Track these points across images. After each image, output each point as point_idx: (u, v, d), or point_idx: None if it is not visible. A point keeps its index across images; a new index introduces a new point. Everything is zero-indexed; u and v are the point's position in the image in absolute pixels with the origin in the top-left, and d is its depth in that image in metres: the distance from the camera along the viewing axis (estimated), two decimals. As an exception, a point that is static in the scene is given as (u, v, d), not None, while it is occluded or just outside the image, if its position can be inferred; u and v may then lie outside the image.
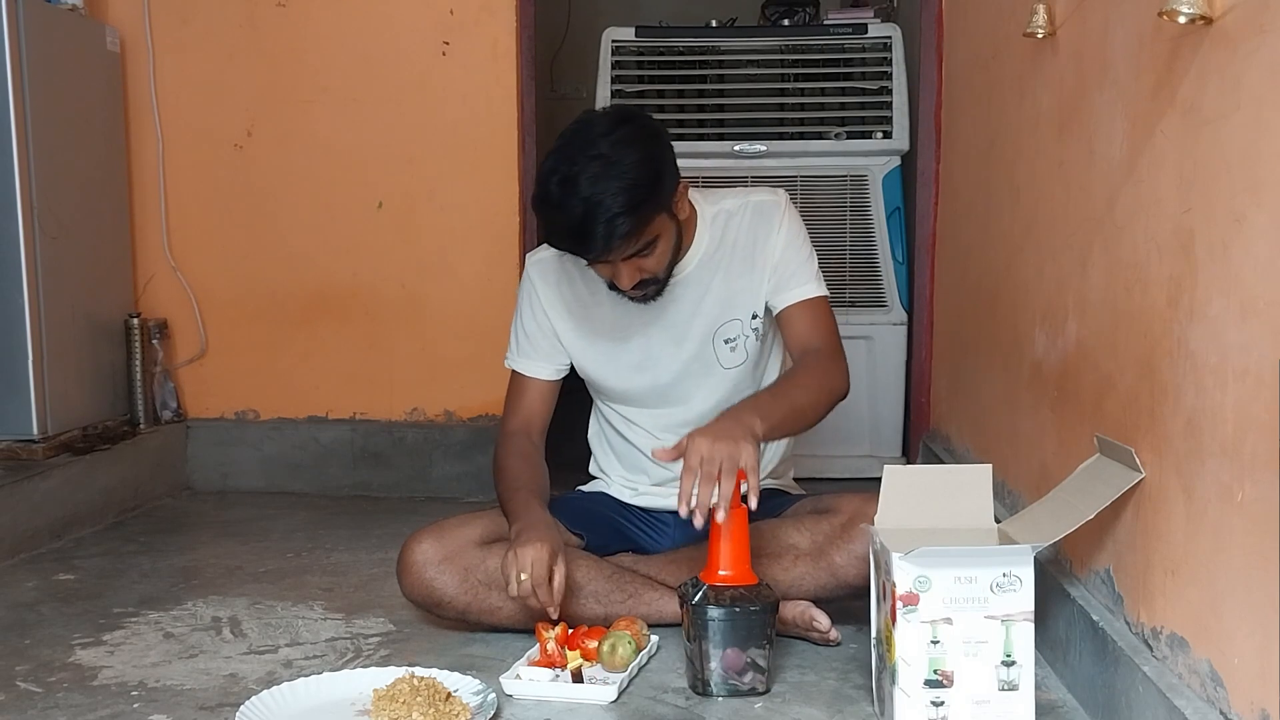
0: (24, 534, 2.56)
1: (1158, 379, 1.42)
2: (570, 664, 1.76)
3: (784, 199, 2.09)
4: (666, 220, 1.91)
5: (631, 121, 1.89)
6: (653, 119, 1.98)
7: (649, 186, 1.82)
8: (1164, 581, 1.40)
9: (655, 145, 1.88)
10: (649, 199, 1.83)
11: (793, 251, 2.05)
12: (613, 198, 1.78)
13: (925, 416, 3.22)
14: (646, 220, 1.84)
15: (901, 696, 1.51)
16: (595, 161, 1.80)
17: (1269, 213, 1.14)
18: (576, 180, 1.79)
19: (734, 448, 1.68)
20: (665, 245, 1.92)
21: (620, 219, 1.79)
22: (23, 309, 2.69)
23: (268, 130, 3.19)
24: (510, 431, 2.13)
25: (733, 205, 2.08)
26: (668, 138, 1.94)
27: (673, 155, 1.93)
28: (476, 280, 3.14)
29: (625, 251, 1.86)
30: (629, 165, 1.80)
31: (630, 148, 1.82)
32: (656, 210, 1.86)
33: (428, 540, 1.94)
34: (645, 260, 1.90)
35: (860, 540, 1.88)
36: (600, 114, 1.93)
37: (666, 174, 1.88)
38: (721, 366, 2.07)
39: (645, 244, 1.87)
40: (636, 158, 1.82)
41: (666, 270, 1.97)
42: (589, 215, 1.78)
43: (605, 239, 1.80)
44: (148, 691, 1.76)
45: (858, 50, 3.41)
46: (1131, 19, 1.54)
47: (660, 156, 1.88)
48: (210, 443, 3.25)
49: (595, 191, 1.78)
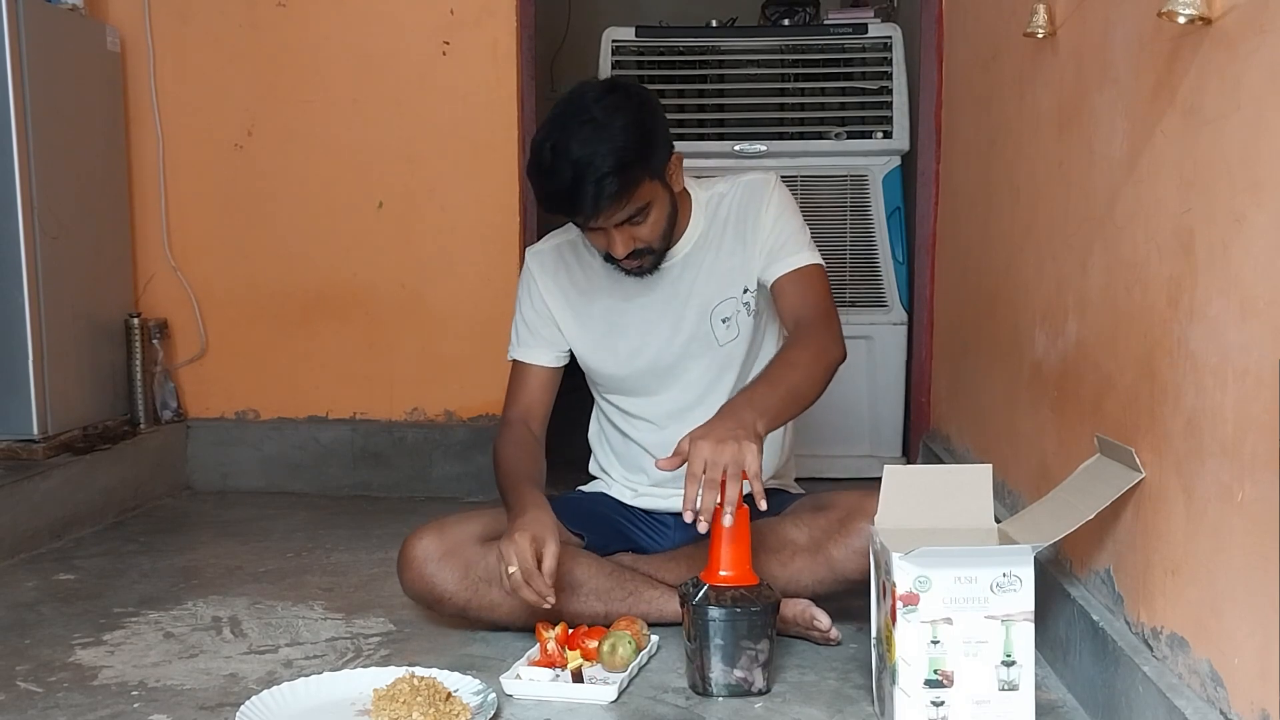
0: (24, 534, 2.56)
1: (1158, 379, 1.42)
2: (570, 664, 1.76)
3: (774, 178, 2.10)
4: (659, 188, 1.93)
5: (622, 89, 1.93)
6: (645, 89, 2.02)
7: (638, 149, 1.86)
8: (1164, 581, 1.40)
9: (644, 111, 1.91)
10: (637, 160, 1.85)
11: (782, 224, 2.05)
12: (601, 159, 1.82)
13: (925, 416, 3.22)
14: (635, 182, 1.86)
15: (901, 696, 1.52)
16: (586, 126, 1.84)
17: (1269, 213, 1.14)
18: (567, 145, 1.83)
19: (737, 450, 1.67)
20: (659, 214, 1.95)
21: (609, 179, 1.82)
22: (23, 309, 2.69)
23: (268, 130, 3.19)
24: (510, 420, 2.14)
25: (724, 187, 2.11)
26: (659, 107, 1.97)
27: (665, 124, 1.96)
28: (476, 280, 3.14)
29: (616, 213, 1.88)
30: (618, 129, 1.84)
31: (619, 112, 1.86)
32: (646, 173, 1.88)
33: (428, 536, 1.94)
34: (638, 228, 1.93)
35: (857, 535, 1.87)
36: (592, 83, 1.96)
37: (657, 139, 1.91)
38: (718, 344, 2.08)
39: (637, 209, 1.90)
40: (625, 121, 1.85)
41: (661, 241, 1.99)
42: (579, 176, 1.82)
43: (594, 199, 1.83)
44: (148, 691, 1.76)
45: (858, 50, 3.41)
46: (1131, 19, 1.54)
47: (649, 122, 1.90)
48: (210, 443, 3.25)
49: (585, 154, 1.82)
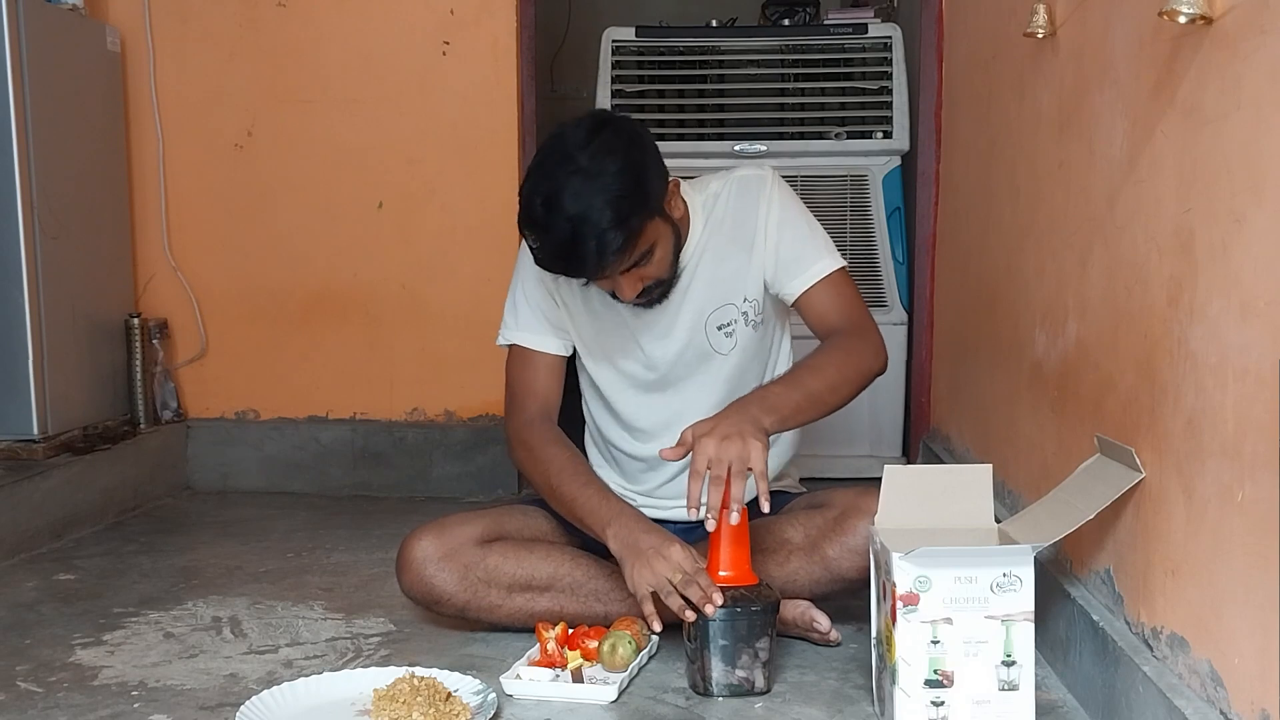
0: (24, 534, 2.56)
1: (1158, 379, 1.42)
2: (570, 664, 1.76)
3: (769, 174, 1.96)
4: (660, 224, 1.82)
5: (607, 126, 1.78)
6: (630, 119, 1.88)
7: (635, 195, 1.73)
8: (1164, 581, 1.40)
9: (635, 149, 1.77)
10: (637, 208, 1.73)
11: (789, 231, 1.93)
12: (599, 213, 1.69)
13: (925, 416, 3.22)
14: (638, 230, 1.74)
15: (901, 696, 1.51)
16: (575, 176, 1.71)
17: (1269, 213, 1.14)
18: (559, 198, 1.70)
19: (742, 447, 1.64)
20: (664, 250, 1.84)
21: (610, 233, 1.70)
22: (23, 309, 2.69)
23: (268, 130, 3.19)
24: (534, 417, 1.98)
25: (718, 186, 1.98)
26: (649, 136, 1.84)
27: (657, 155, 1.83)
28: (476, 280, 3.14)
29: (621, 266, 1.77)
30: (611, 176, 1.71)
31: (610, 156, 1.72)
32: (647, 217, 1.76)
33: (427, 537, 1.93)
34: (645, 269, 1.82)
35: (853, 533, 1.86)
36: (574, 124, 1.79)
37: (652, 177, 1.79)
38: (717, 353, 1.98)
39: (642, 254, 1.79)
40: (618, 166, 1.72)
41: (670, 272, 1.89)
42: (577, 234, 1.69)
43: (598, 256, 1.71)
44: (148, 691, 1.76)
45: (858, 50, 3.41)
46: (1131, 19, 1.54)
47: (642, 161, 1.77)
48: (210, 443, 3.25)
49: (580, 208, 1.69)
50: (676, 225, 1.88)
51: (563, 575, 1.93)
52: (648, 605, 1.74)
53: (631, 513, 1.83)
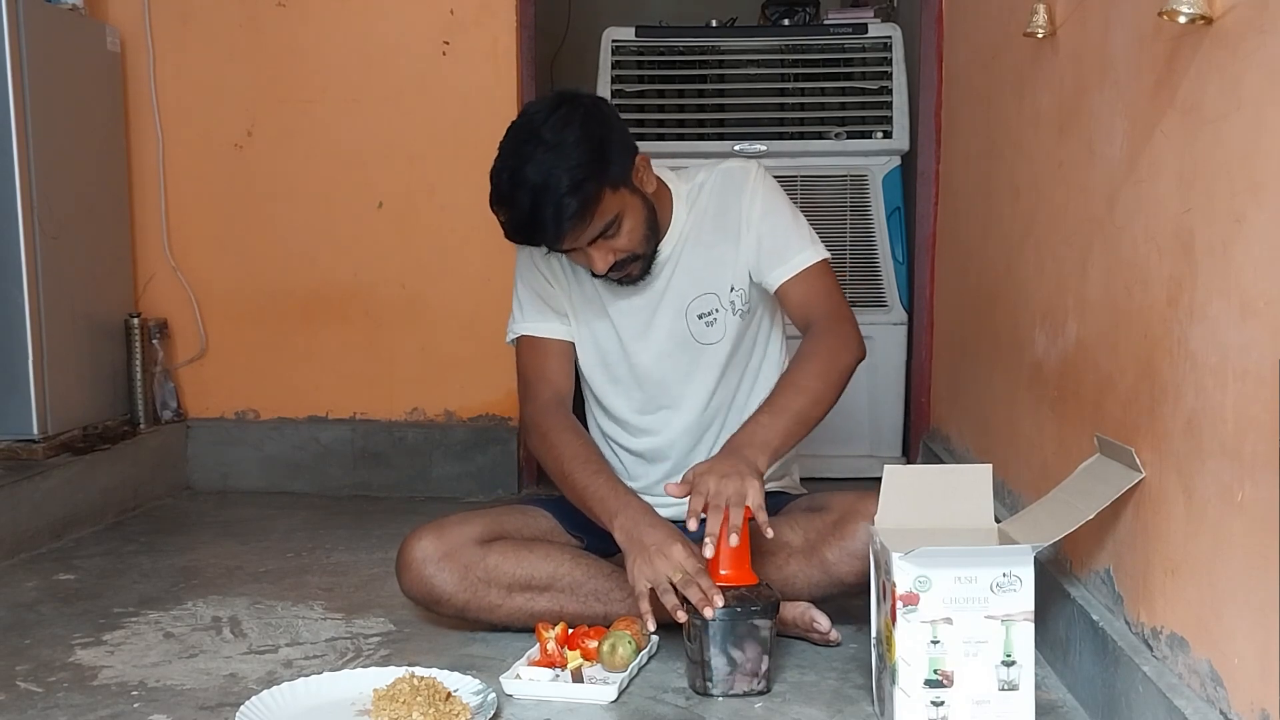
0: (24, 534, 2.56)
1: (1158, 379, 1.42)
2: (570, 664, 1.76)
3: (754, 166, 2.02)
4: (627, 196, 1.87)
5: (569, 102, 1.86)
6: (594, 96, 1.95)
7: (592, 164, 1.80)
8: (1164, 581, 1.40)
9: (594, 121, 1.84)
10: (594, 175, 1.79)
11: (771, 221, 1.97)
12: (557, 181, 1.77)
13: (925, 416, 3.22)
14: (595, 198, 1.80)
15: (901, 696, 1.52)
16: (538, 149, 1.79)
17: (1269, 213, 1.14)
18: (523, 171, 1.79)
19: (740, 485, 1.70)
20: (634, 221, 1.89)
21: (567, 199, 1.77)
22: (23, 309, 2.69)
23: (268, 130, 3.19)
24: (547, 403, 2.00)
25: (703, 177, 2.04)
26: (612, 111, 1.91)
27: (621, 129, 1.89)
28: (476, 280, 3.14)
29: (582, 233, 1.83)
30: (570, 145, 1.78)
31: (569, 128, 1.80)
32: (606, 185, 1.82)
33: (427, 537, 1.93)
34: (615, 241, 1.87)
35: (852, 536, 1.87)
36: (538, 102, 1.90)
37: (613, 147, 1.84)
38: (699, 343, 2.01)
39: (606, 224, 1.84)
40: (576, 136, 1.80)
41: (645, 245, 1.92)
42: (536, 203, 1.78)
43: (555, 222, 1.78)
44: (148, 691, 1.76)
45: (858, 50, 3.41)
46: (1131, 19, 1.54)
47: (602, 133, 1.84)
48: (210, 443, 3.25)
49: (540, 178, 1.77)
50: (650, 200, 1.93)
51: (563, 575, 1.93)
52: (644, 603, 1.75)
53: (639, 505, 1.84)
